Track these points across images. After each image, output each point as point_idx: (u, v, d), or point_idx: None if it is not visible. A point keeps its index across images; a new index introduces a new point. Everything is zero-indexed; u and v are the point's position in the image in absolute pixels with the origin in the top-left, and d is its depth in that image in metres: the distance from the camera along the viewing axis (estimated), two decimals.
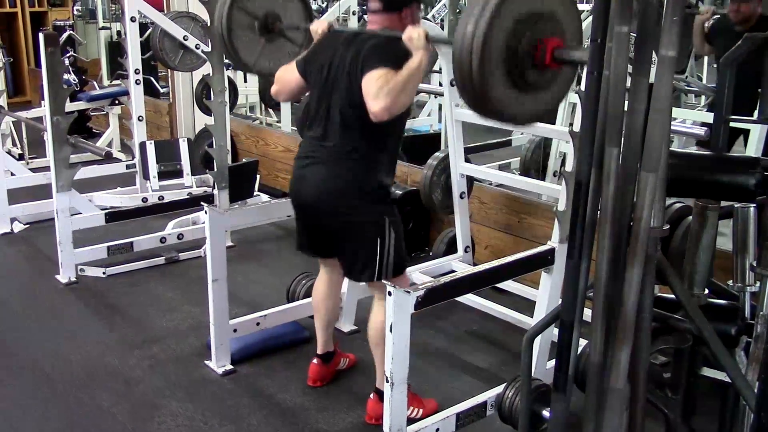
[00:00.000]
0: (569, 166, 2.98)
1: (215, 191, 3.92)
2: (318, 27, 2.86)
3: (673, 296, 1.85)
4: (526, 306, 3.53)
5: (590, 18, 2.55)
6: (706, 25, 4.75)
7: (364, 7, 9.73)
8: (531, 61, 1.83)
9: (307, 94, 2.91)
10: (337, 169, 2.69)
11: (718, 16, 4.79)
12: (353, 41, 2.68)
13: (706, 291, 2.02)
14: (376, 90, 2.43)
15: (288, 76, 2.88)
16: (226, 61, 3.61)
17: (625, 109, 1.63)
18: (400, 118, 2.60)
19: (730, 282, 2.11)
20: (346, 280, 3.30)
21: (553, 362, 1.93)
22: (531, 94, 1.91)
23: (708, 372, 2.19)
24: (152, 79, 7.61)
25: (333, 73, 2.68)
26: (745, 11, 4.33)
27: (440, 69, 3.64)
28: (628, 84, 1.62)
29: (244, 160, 5.87)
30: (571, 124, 4.47)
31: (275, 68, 3.01)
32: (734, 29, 4.32)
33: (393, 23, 2.68)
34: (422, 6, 2.89)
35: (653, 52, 1.62)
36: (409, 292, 2.34)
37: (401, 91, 2.43)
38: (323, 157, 2.72)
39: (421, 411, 2.87)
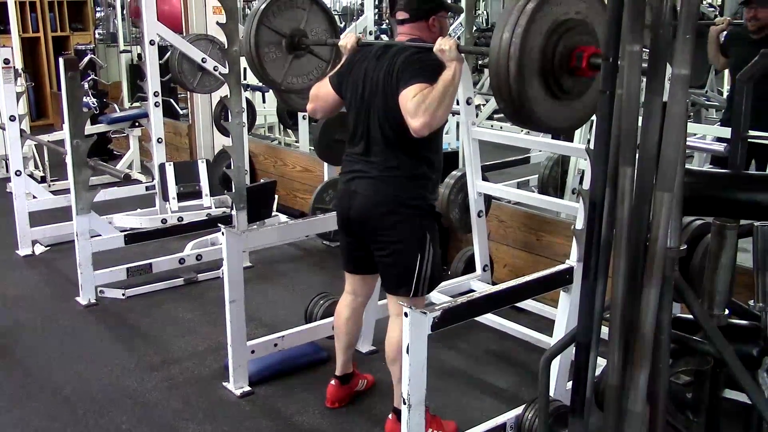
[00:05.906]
0: (586, 184, 2.95)
1: (233, 212, 3.94)
2: (347, 42, 2.88)
3: (692, 317, 1.82)
4: (546, 325, 3.50)
5: None
6: (721, 36, 4.69)
7: (382, 27, 9.82)
8: (567, 67, 1.86)
9: (343, 109, 2.89)
10: (383, 184, 2.70)
11: (733, 27, 4.72)
12: (384, 54, 2.70)
13: (727, 311, 1.99)
14: (415, 107, 2.44)
15: (323, 93, 2.88)
16: (244, 82, 3.64)
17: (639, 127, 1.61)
18: (436, 132, 2.61)
19: (752, 301, 2.07)
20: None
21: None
22: (566, 102, 1.94)
23: (730, 394, 2.15)
24: (172, 101, 7.70)
25: (368, 90, 2.70)
26: (763, 18, 4.23)
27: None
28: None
29: (262, 180, 5.89)
30: (588, 141, 4.45)
31: (302, 84, 3.00)
32: (749, 38, 4.26)
33: (422, 32, 2.71)
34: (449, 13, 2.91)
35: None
36: (425, 313, 2.32)
37: (439, 106, 2.44)
38: (369, 171, 2.73)
39: None
